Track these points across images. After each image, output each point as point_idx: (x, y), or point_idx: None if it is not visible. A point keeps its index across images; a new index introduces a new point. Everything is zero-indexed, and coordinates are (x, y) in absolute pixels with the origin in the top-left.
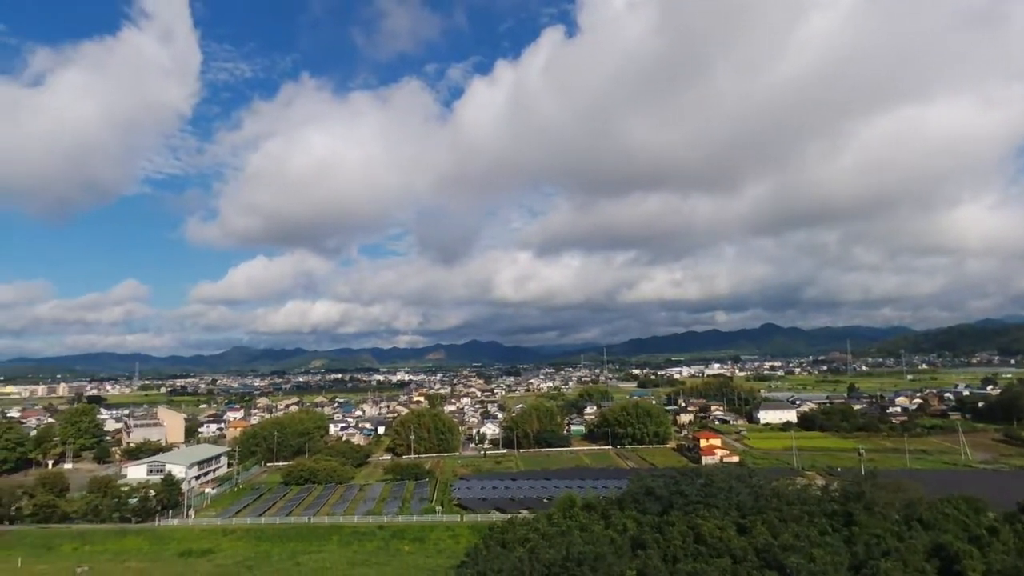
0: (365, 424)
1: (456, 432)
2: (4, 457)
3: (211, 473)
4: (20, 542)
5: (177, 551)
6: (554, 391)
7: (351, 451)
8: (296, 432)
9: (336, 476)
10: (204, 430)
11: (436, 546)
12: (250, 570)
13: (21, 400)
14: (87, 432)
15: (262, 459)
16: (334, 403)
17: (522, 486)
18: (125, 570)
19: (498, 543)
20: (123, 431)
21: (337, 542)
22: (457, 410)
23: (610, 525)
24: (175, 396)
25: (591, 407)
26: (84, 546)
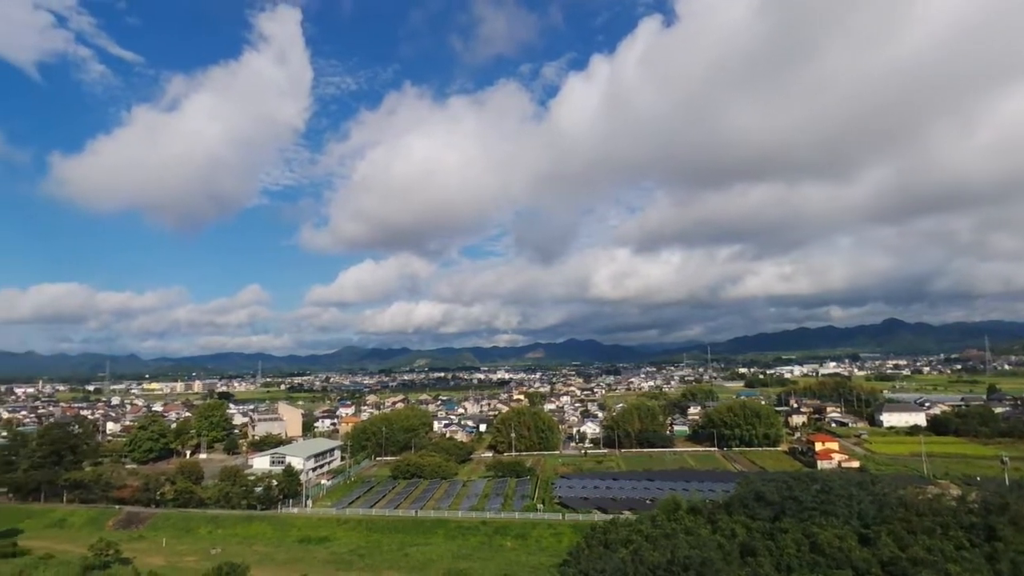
0: (467, 421)
1: (556, 431)
2: (150, 447)
3: (326, 465)
4: (165, 523)
5: (297, 538)
6: (655, 390)
7: (454, 448)
8: (402, 428)
9: (441, 471)
10: (319, 425)
11: (538, 543)
12: (362, 559)
13: (163, 396)
14: (218, 425)
15: (372, 453)
16: (437, 401)
17: (624, 486)
18: (252, 553)
19: (600, 543)
20: (249, 425)
21: (443, 536)
22: (557, 409)
23: (717, 530)
24: (293, 393)
25: (695, 407)
26: (217, 529)
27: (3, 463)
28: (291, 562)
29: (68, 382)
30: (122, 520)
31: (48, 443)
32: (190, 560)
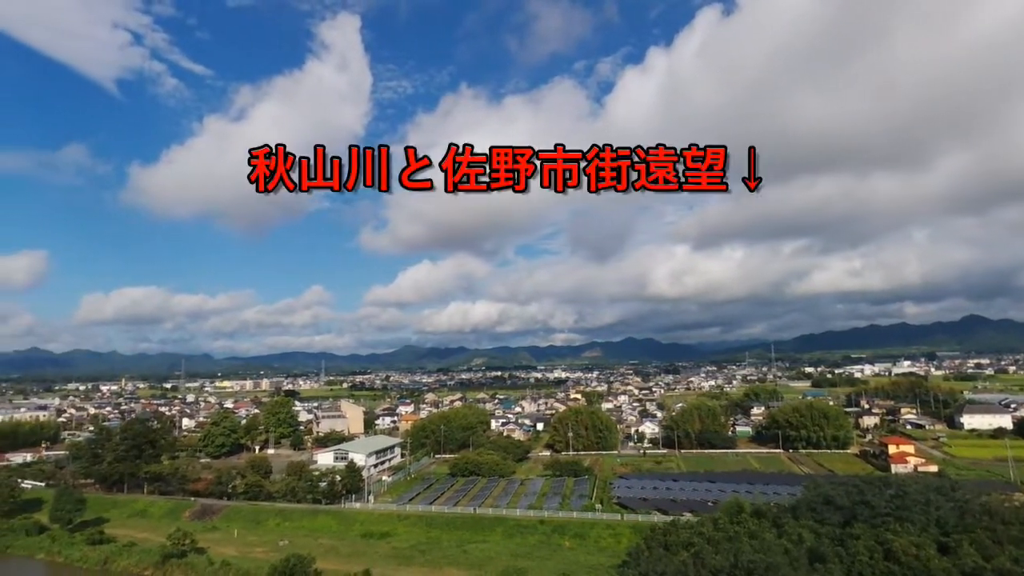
0: (524, 420)
1: (614, 430)
2: (222, 442)
3: (387, 462)
4: (236, 515)
5: (360, 532)
6: (716, 390)
7: (512, 446)
8: (461, 426)
9: (498, 470)
10: (380, 422)
11: (597, 544)
12: (423, 554)
13: (234, 393)
14: (285, 422)
15: (431, 451)
16: (495, 399)
17: (684, 487)
18: (317, 546)
19: (660, 545)
20: (313, 422)
21: (501, 533)
22: (615, 408)
23: (783, 534)
24: (355, 391)
25: (758, 407)
26: (284, 522)
27: (90, 456)
28: (355, 556)
29: (147, 380)
30: (197, 511)
31: (130, 438)
32: (260, 551)
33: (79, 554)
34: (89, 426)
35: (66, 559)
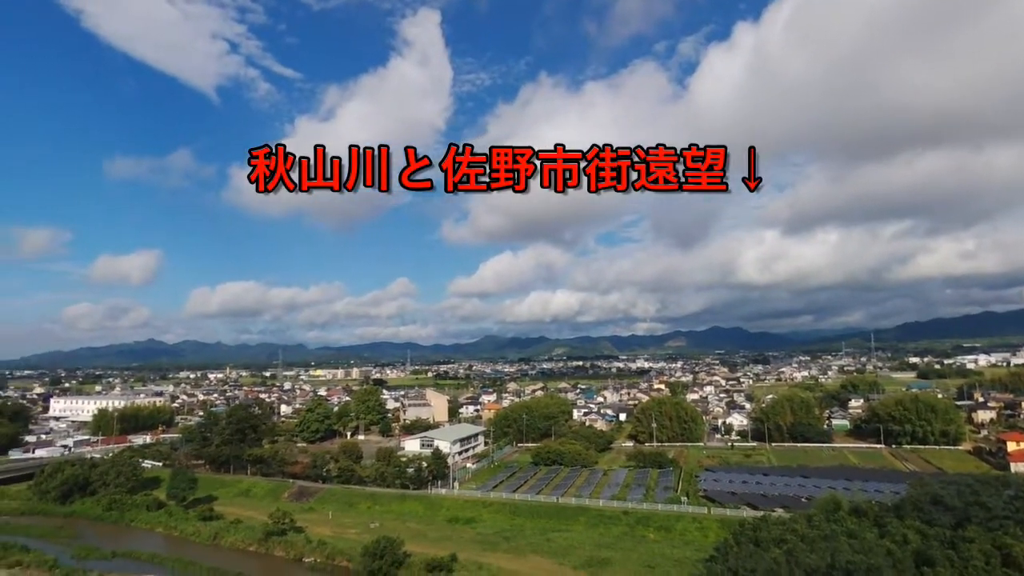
0: (607, 410)
1: (700, 422)
2: (316, 428)
3: (471, 450)
4: (330, 498)
5: (446, 517)
6: (810, 381)
7: (594, 436)
8: (542, 416)
9: (581, 459)
10: (463, 411)
11: (682, 537)
12: (507, 541)
13: (327, 381)
14: (373, 409)
15: (513, 439)
16: (576, 389)
17: (775, 482)
18: (406, 529)
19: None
20: (400, 409)
21: (584, 523)
22: (700, 399)
23: (886, 534)
24: (439, 380)
25: (856, 399)
26: (375, 506)
27: (200, 439)
28: (441, 540)
29: (249, 368)
30: (295, 493)
31: (234, 422)
32: (352, 532)
33: (192, 529)
34: (199, 411)
35: (181, 533)
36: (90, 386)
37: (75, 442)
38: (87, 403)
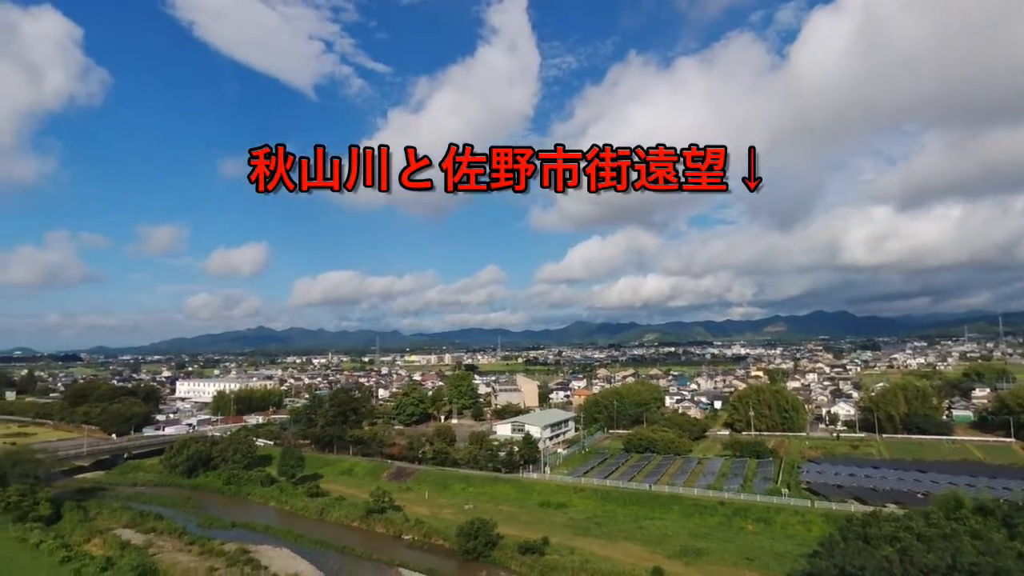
0: (700, 398)
1: (801, 410)
2: (412, 411)
3: (561, 435)
4: (426, 478)
5: (538, 501)
6: (927, 368)
7: (687, 424)
8: (633, 402)
9: (674, 447)
10: (553, 397)
11: (783, 530)
12: (599, 527)
13: (421, 367)
14: (466, 394)
15: (604, 426)
16: (668, 376)
17: (887, 476)
18: (498, 512)
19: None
20: (491, 394)
21: (678, 512)
22: (802, 387)
23: (1016, 536)
24: (529, 366)
25: (982, 389)
26: (468, 487)
27: (306, 420)
28: (533, 523)
29: (349, 354)
30: (393, 473)
31: (337, 405)
32: (447, 512)
33: (301, 504)
34: (305, 394)
35: (291, 508)
36: (209, 370)
37: (198, 421)
38: (207, 386)
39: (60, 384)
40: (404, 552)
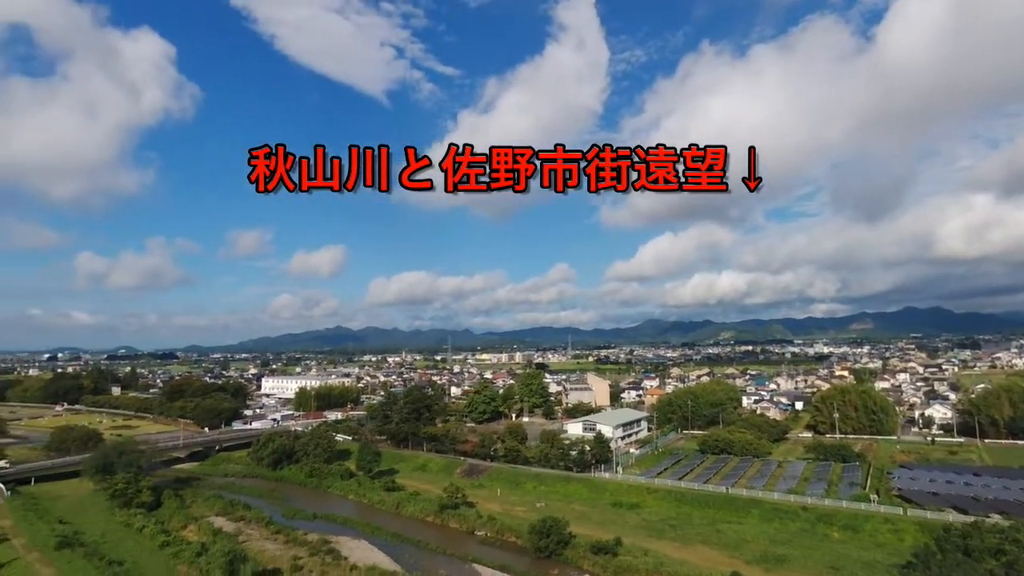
0: (780, 398)
1: (892, 413)
2: (483, 409)
3: (633, 435)
4: (498, 476)
5: (610, 501)
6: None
7: (766, 425)
8: (709, 402)
9: (752, 449)
10: (625, 396)
11: (872, 539)
12: (673, 529)
13: (492, 365)
14: (536, 392)
15: (678, 426)
16: (745, 375)
17: (990, 484)
18: (570, 511)
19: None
20: (562, 393)
21: (757, 516)
22: (892, 388)
23: None
24: (600, 365)
25: None
26: (540, 486)
27: (382, 417)
28: (605, 523)
29: (422, 352)
30: (466, 470)
31: (411, 402)
32: (520, 510)
33: (378, 498)
34: (380, 391)
35: (369, 501)
36: (292, 368)
37: (282, 416)
38: (290, 383)
39: (158, 380)
40: (477, 548)
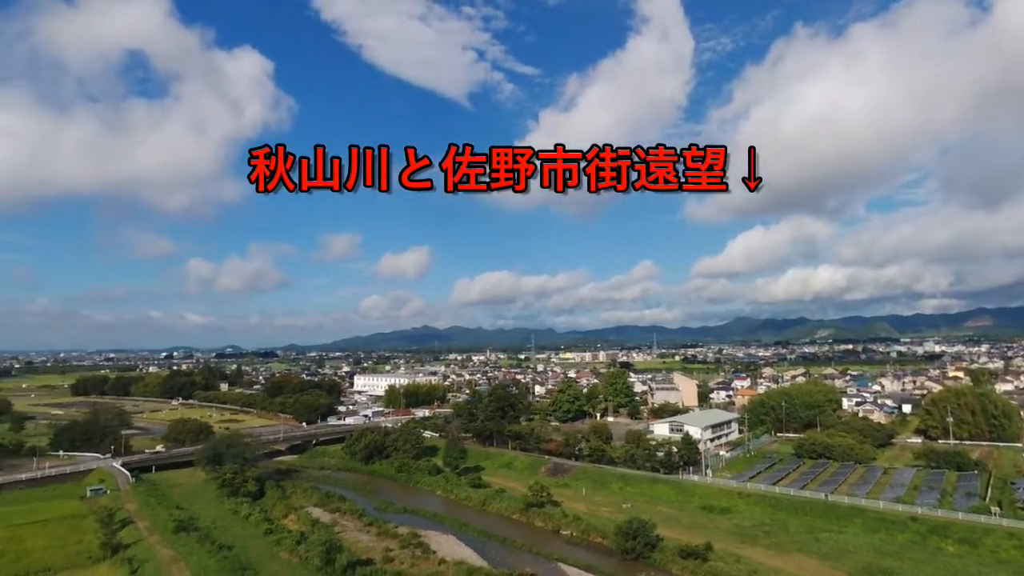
0: (885, 400)
1: (1015, 418)
2: (567, 408)
3: (723, 437)
4: (583, 475)
5: (699, 505)
6: None
7: (870, 429)
8: (805, 404)
9: (854, 454)
10: (714, 396)
11: (994, 554)
12: (768, 536)
13: (575, 364)
14: (621, 392)
15: (771, 428)
16: (845, 376)
17: None
18: (657, 513)
19: None
20: (648, 393)
21: (860, 525)
22: (1016, 390)
23: None
24: (687, 364)
25: None
26: (626, 486)
27: (467, 414)
28: (694, 527)
29: (505, 351)
30: (551, 468)
31: (495, 400)
32: (605, 511)
33: (465, 494)
34: (465, 390)
35: (456, 497)
36: (381, 366)
37: (373, 413)
38: (380, 380)
39: (261, 377)
40: (562, 547)
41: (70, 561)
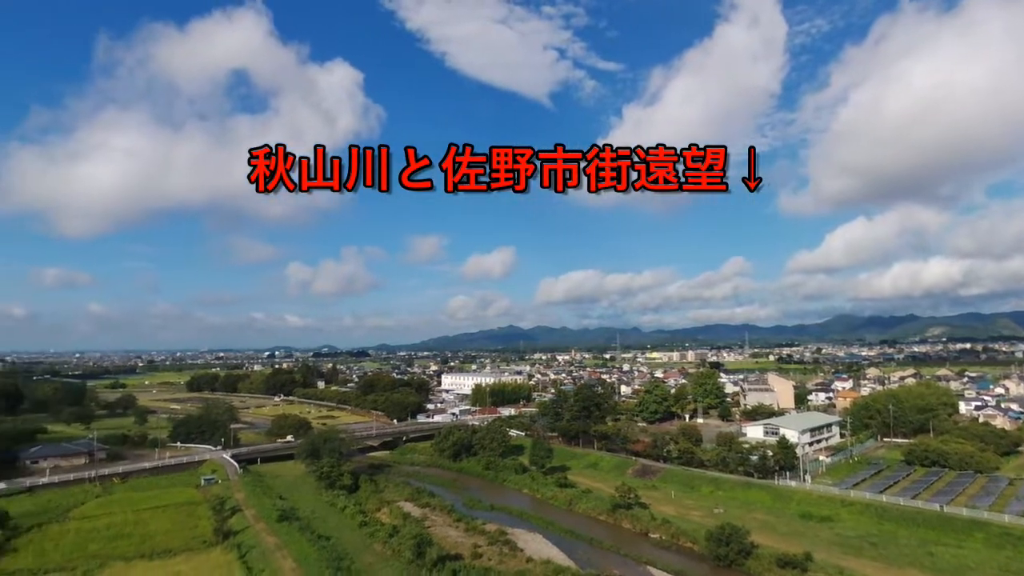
0: (1011, 405)
1: None
2: (655, 409)
3: (823, 441)
4: (671, 478)
5: (797, 512)
6: None
7: (992, 436)
8: (915, 407)
9: (973, 463)
10: (812, 398)
11: None
12: (874, 548)
13: (662, 364)
14: (711, 392)
15: (876, 433)
16: (962, 377)
17: None
18: (751, 519)
19: None
20: (740, 394)
21: (982, 540)
22: None
23: None
24: (782, 364)
25: None
26: (717, 490)
27: (553, 414)
28: (792, 535)
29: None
30: (638, 470)
31: (581, 400)
32: (696, 515)
33: (551, 493)
34: (551, 389)
35: (542, 496)
36: (468, 365)
37: (460, 411)
38: (467, 379)
39: (354, 376)
40: (651, 550)
41: (187, 544)
